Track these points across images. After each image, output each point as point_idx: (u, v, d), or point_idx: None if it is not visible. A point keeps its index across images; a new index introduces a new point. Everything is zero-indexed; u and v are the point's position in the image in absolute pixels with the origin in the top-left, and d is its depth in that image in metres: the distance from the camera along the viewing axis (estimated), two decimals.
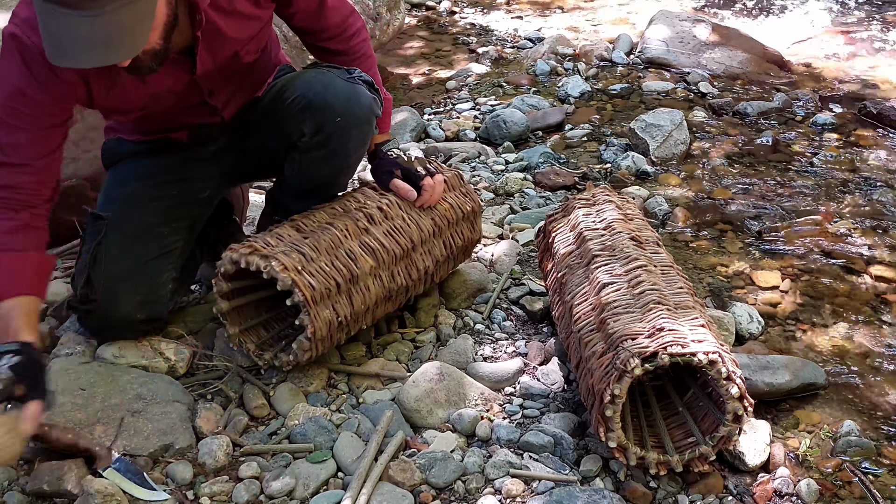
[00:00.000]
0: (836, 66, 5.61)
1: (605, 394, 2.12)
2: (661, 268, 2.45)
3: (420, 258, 2.66)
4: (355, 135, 2.54)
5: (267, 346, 2.55)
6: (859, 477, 2.34)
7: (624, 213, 2.74)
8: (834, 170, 4.23)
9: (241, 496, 2.13)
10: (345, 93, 2.47)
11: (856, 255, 3.48)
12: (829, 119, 4.77)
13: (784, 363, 2.67)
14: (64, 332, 2.61)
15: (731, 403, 2.13)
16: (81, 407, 2.28)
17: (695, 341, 2.12)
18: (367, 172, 3.98)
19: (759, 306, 3.12)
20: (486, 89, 5.37)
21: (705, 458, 2.19)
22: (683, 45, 5.68)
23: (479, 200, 2.91)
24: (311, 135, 2.49)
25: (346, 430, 2.34)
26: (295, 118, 2.49)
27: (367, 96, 2.52)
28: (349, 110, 2.47)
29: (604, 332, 2.27)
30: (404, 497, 2.12)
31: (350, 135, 2.52)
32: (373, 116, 2.55)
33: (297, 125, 2.49)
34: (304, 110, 2.47)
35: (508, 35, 6.47)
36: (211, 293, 2.95)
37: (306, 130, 2.49)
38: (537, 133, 4.66)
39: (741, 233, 3.66)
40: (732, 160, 4.34)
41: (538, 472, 2.22)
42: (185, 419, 2.34)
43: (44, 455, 2.15)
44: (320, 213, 2.58)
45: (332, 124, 2.46)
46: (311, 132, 2.48)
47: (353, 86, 2.50)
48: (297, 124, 2.49)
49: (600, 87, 5.29)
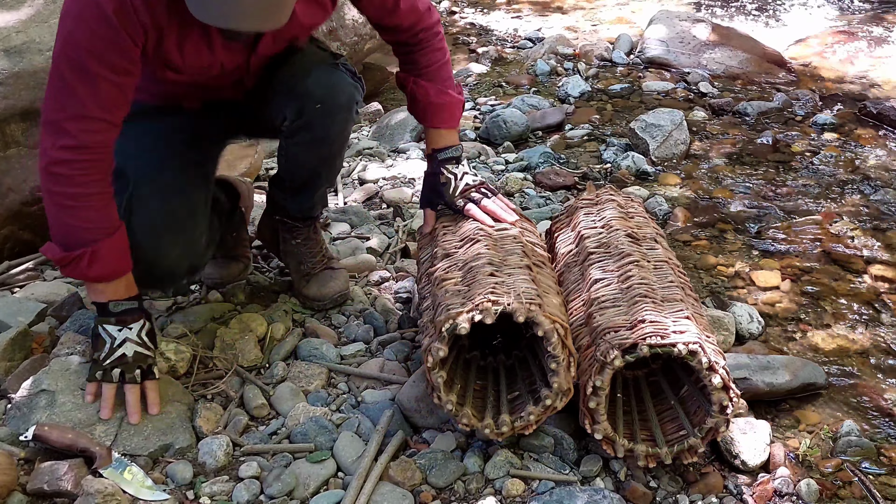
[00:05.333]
0: (836, 66, 5.61)
1: (587, 386, 2.13)
2: (654, 263, 2.46)
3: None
4: (336, 122, 2.54)
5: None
6: (859, 477, 2.34)
7: (625, 211, 2.74)
8: (834, 170, 4.23)
9: (241, 496, 2.13)
10: (325, 80, 2.48)
11: (856, 255, 3.48)
12: (829, 119, 4.77)
13: (784, 363, 2.67)
14: (64, 332, 2.60)
15: (715, 394, 2.13)
16: (81, 407, 2.27)
17: (676, 332, 2.12)
18: (367, 173, 4.00)
19: (759, 306, 3.12)
20: (486, 89, 5.37)
21: (694, 449, 2.20)
22: (683, 45, 5.68)
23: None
24: (291, 119, 2.49)
25: (346, 429, 2.34)
26: (278, 102, 2.50)
27: (349, 84, 2.52)
28: (329, 97, 2.48)
29: (590, 326, 2.29)
30: (404, 497, 2.12)
31: (330, 121, 2.52)
32: (353, 104, 2.55)
33: (280, 109, 2.50)
34: (285, 95, 2.48)
35: (508, 35, 6.47)
36: (211, 292, 2.96)
37: (287, 115, 2.49)
38: (537, 133, 4.66)
39: (741, 233, 3.66)
40: (732, 160, 4.34)
41: (538, 472, 2.22)
42: (185, 419, 2.34)
43: (44, 455, 2.15)
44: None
45: (312, 111, 2.47)
46: (293, 117, 2.49)
47: (335, 73, 2.50)
48: (280, 108, 2.50)
49: (600, 87, 5.29)
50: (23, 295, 2.82)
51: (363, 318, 2.86)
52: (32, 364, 2.46)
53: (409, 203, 3.74)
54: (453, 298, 2.24)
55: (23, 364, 2.46)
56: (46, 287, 2.89)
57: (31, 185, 2.99)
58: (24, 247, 3.12)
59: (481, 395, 2.41)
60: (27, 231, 3.09)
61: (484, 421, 2.22)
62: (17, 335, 2.52)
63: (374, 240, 3.37)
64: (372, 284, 3.09)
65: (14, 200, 2.98)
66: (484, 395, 2.40)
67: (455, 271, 2.37)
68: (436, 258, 2.51)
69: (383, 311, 2.89)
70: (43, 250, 2.26)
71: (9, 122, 2.94)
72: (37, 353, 2.54)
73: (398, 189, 3.85)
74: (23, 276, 3.00)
